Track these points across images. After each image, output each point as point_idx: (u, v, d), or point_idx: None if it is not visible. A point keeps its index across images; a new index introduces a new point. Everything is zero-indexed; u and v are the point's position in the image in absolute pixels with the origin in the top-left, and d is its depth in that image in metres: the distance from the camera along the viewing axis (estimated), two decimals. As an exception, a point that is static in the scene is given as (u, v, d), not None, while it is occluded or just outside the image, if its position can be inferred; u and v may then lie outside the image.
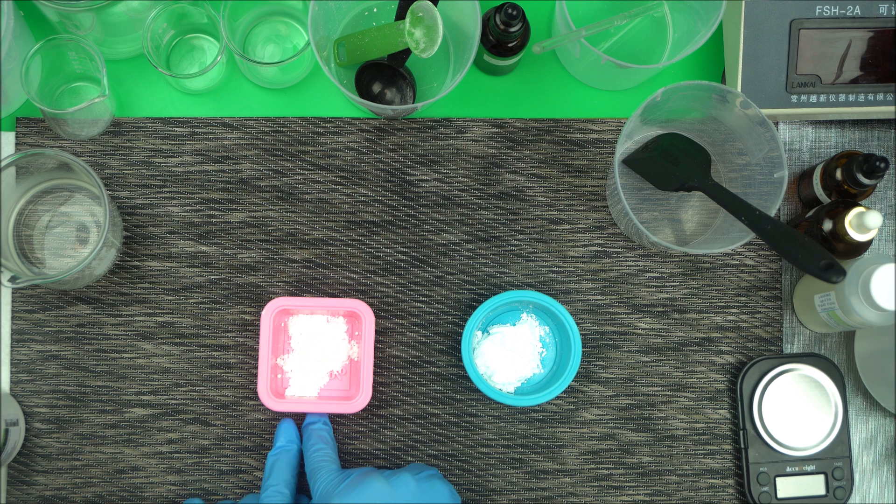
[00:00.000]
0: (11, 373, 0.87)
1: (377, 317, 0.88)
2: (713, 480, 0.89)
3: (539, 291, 0.88)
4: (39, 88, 0.85)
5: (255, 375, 0.87)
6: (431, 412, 0.88)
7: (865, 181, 0.82)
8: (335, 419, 0.87)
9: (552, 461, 0.88)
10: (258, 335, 0.87)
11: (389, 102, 0.89)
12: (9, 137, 0.89)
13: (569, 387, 0.89)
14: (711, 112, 0.85)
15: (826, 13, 0.83)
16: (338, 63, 0.89)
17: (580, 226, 0.90)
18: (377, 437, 0.88)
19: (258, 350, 0.85)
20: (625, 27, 0.91)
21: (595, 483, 0.88)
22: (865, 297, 0.79)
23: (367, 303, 0.87)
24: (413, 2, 0.83)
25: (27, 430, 0.87)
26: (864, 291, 0.78)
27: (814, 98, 0.84)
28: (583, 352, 0.88)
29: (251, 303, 0.88)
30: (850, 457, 0.87)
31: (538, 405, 0.88)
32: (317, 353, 0.86)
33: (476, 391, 0.89)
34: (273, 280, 0.89)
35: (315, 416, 0.85)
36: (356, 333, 0.87)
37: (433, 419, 0.88)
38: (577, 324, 0.89)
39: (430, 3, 0.82)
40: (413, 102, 0.88)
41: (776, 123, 0.92)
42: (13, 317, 0.87)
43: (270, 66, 0.86)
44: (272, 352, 0.84)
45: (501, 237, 0.90)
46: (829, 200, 0.86)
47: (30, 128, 0.89)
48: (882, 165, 0.80)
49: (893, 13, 0.83)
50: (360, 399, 0.83)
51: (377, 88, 0.89)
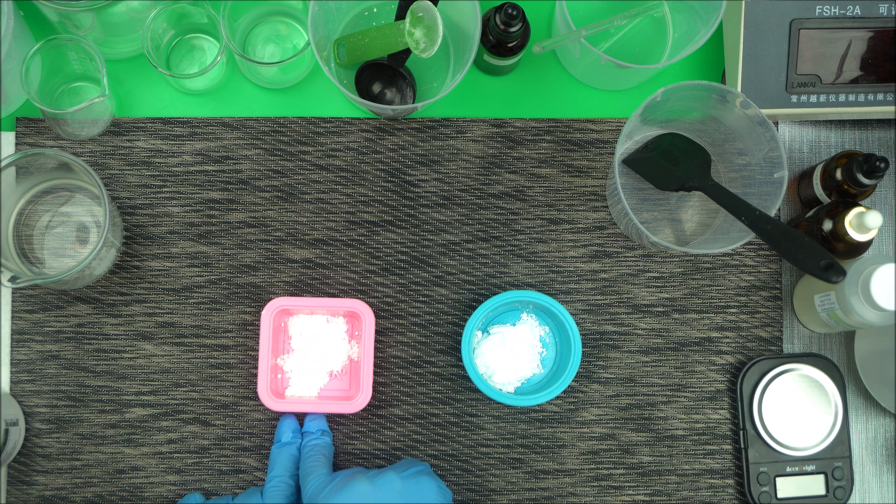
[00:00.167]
0: (11, 373, 0.87)
1: (377, 317, 0.88)
2: (713, 480, 0.89)
3: (539, 291, 0.88)
4: (39, 88, 0.85)
5: (255, 375, 0.87)
6: (431, 412, 0.88)
7: (865, 181, 0.82)
8: (335, 419, 0.87)
9: (552, 461, 0.88)
10: (258, 335, 0.87)
11: (389, 102, 0.89)
12: (9, 137, 0.89)
13: (569, 387, 0.88)
14: (711, 112, 0.85)
15: (826, 13, 0.83)
16: (338, 63, 0.88)
17: (580, 226, 0.90)
18: (377, 437, 0.88)
19: (258, 350, 0.85)
20: (625, 27, 0.91)
21: (595, 483, 0.88)
22: (865, 297, 0.79)
23: (367, 303, 0.87)
24: (413, 2, 0.83)
25: (27, 430, 0.87)
26: (864, 291, 0.78)
27: (814, 98, 0.84)
28: (583, 352, 0.88)
29: (251, 303, 0.88)
30: (850, 457, 0.87)
31: (538, 405, 0.88)
32: (317, 353, 0.86)
33: (476, 391, 0.89)
34: (273, 280, 0.89)
35: (312, 426, 0.85)
36: (356, 333, 0.87)
37: (433, 419, 0.88)
38: (577, 324, 0.89)
39: (430, 3, 0.82)
40: (413, 102, 0.88)
41: (776, 123, 0.92)
42: (13, 317, 0.87)
43: (270, 66, 0.86)
44: (272, 352, 0.84)
45: (501, 237, 0.90)
46: (829, 200, 0.86)
47: (30, 128, 0.89)
48: (882, 165, 0.80)
49: (893, 13, 0.83)
50: (360, 399, 0.83)
51: (377, 88, 0.89)
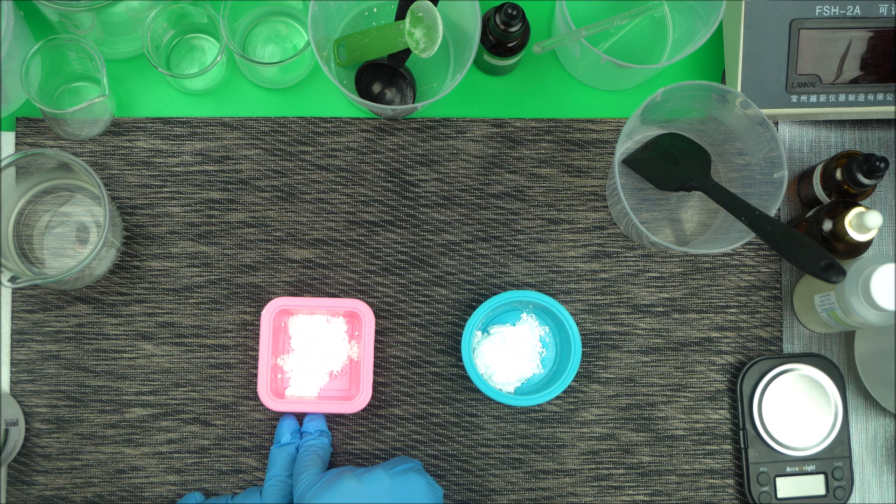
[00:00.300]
0: (11, 373, 0.87)
1: (377, 317, 0.88)
2: (713, 480, 0.89)
3: (539, 291, 0.88)
4: (39, 88, 0.85)
5: (255, 375, 0.87)
6: (431, 412, 0.88)
7: (865, 181, 0.82)
8: (335, 419, 0.87)
9: (552, 461, 0.88)
10: (258, 335, 0.87)
11: (389, 102, 0.89)
12: (9, 137, 0.89)
13: (569, 387, 0.88)
14: (711, 112, 0.85)
15: (826, 13, 0.83)
16: (338, 63, 0.88)
17: (580, 226, 0.90)
18: (377, 437, 0.88)
19: (258, 350, 0.85)
20: (625, 27, 0.91)
21: (595, 483, 0.88)
22: (865, 297, 0.79)
23: (367, 303, 0.87)
24: (413, 2, 0.83)
25: (27, 430, 0.87)
26: (864, 291, 0.78)
27: (814, 98, 0.84)
28: (583, 352, 0.88)
29: (251, 303, 0.88)
30: (850, 457, 0.87)
31: (538, 405, 0.88)
32: (317, 353, 0.86)
33: (476, 391, 0.89)
34: (273, 280, 0.88)
35: (311, 426, 0.85)
36: (356, 333, 0.87)
37: (433, 419, 0.88)
38: (577, 324, 0.89)
39: (430, 3, 0.82)
40: (413, 102, 0.88)
41: (776, 123, 0.92)
42: (13, 317, 0.87)
43: (270, 66, 0.86)
44: (272, 352, 0.84)
45: (501, 237, 0.90)
46: (829, 200, 0.86)
47: (30, 128, 0.89)
48: (882, 165, 0.80)
49: (893, 13, 0.83)
50: (360, 399, 0.83)
51: (377, 88, 0.89)
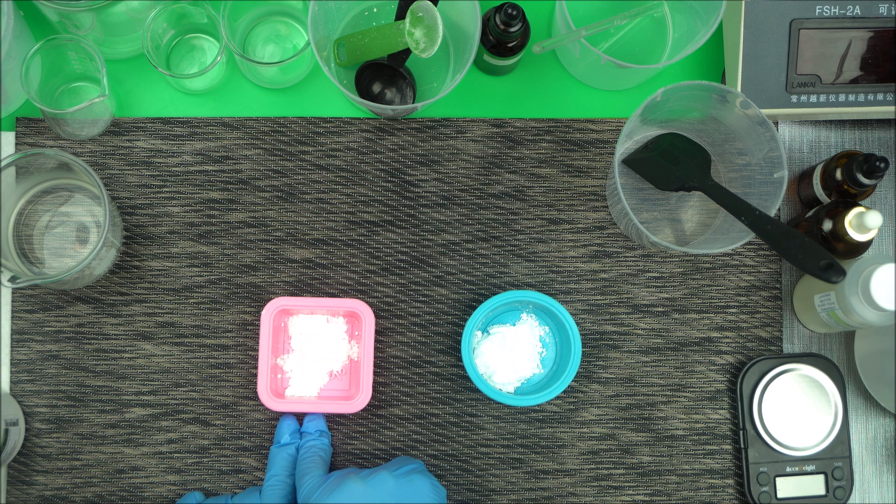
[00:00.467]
0: (11, 373, 0.87)
1: (377, 317, 0.88)
2: (713, 480, 0.89)
3: (539, 291, 0.88)
4: (39, 88, 0.85)
5: (255, 375, 0.87)
6: (431, 412, 0.88)
7: (865, 181, 0.82)
8: (335, 419, 0.87)
9: (552, 461, 0.88)
10: (258, 335, 0.87)
11: (389, 102, 0.89)
12: (9, 137, 0.89)
13: (569, 387, 0.88)
14: (711, 112, 0.85)
15: (826, 13, 0.83)
16: (338, 63, 0.88)
17: (580, 226, 0.90)
18: (377, 437, 0.88)
19: (258, 350, 0.85)
20: (625, 27, 0.91)
21: (595, 483, 0.88)
22: (865, 297, 0.79)
23: (367, 303, 0.87)
24: (413, 2, 0.83)
25: (27, 430, 0.87)
26: (864, 291, 0.78)
27: (814, 98, 0.84)
28: (583, 352, 0.88)
29: (251, 303, 0.88)
30: (850, 457, 0.87)
31: (538, 405, 0.88)
32: (317, 353, 0.86)
33: (476, 391, 0.89)
34: (273, 280, 0.88)
35: (311, 426, 0.85)
36: (356, 333, 0.87)
37: (433, 419, 0.88)
38: (577, 324, 0.89)
39: (430, 3, 0.82)
40: (413, 102, 0.88)
41: (776, 123, 0.92)
42: (13, 317, 0.87)
43: (270, 66, 0.86)
44: (272, 352, 0.84)
45: (501, 237, 0.90)
46: (829, 200, 0.86)
47: (30, 128, 0.89)
48: (882, 165, 0.80)
49: (893, 13, 0.83)
50: (360, 399, 0.83)
51: (377, 88, 0.89)
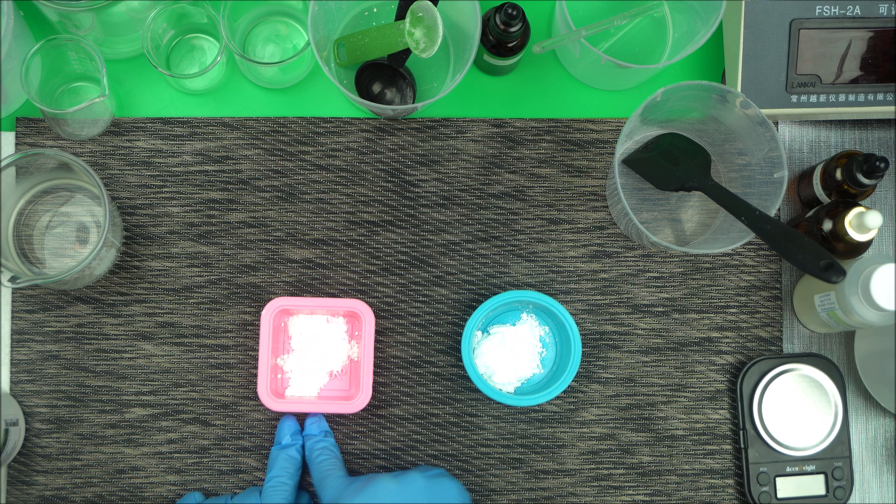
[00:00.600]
0: (11, 373, 0.87)
1: (377, 317, 0.88)
2: (713, 480, 0.89)
3: (539, 291, 0.88)
4: (39, 88, 0.85)
5: (255, 375, 0.87)
6: (431, 412, 0.88)
7: (865, 181, 0.82)
8: (335, 419, 0.87)
9: (552, 461, 0.88)
10: (258, 335, 0.87)
11: (389, 102, 0.89)
12: (9, 137, 0.89)
13: (569, 387, 0.88)
14: (711, 112, 0.85)
15: (826, 13, 0.83)
16: (338, 63, 0.88)
17: (580, 226, 0.90)
18: (377, 437, 0.88)
19: (258, 350, 0.85)
20: (625, 27, 0.91)
21: (595, 483, 0.88)
22: (865, 297, 0.79)
23: (367, 303, 0.87)
24: (413, 2, 0.83)
25: (27, 430, 0.87)
26: (864, 291, 0.78)
27: (814, 98, 0.84)
28: (583, 352, 0.88)
29: (251, 303, 0.88)
30: (850, 457, 0.87)
31: (538, 405, 0.88)
32: (317, 353, 0.86)
33: (476, 391, 0.89)
34: (273, 280, 0.88)
35: (314, 427, 0.85)
36: (356, 333, 0.87)
37: (433, 419, 0.88)
38: (577, 324, 0.89)
39: (430, 3, 0.82)
40: (413, 102, 0.88)
41: (776, 123, 0.92)
42: (13, 317, 0.87)
43: (270, 66, 0.86)
44: (272, 352, 0.84)
45: (501, 237, 0.90)
46: (829, 200, 0.86)
47: (30, 128, 0.89)
48: (882, 165, 0.80)
49: (893, 13, 0.83)
50: (360, 399, 0.83)
51: (377, 88, 0.89)
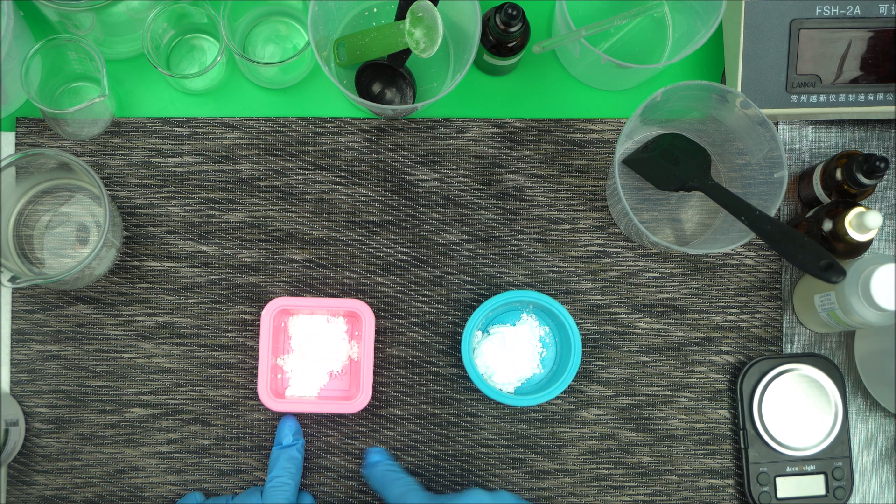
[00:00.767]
0: (11, 373, 0.87)
1: (377, 317, 0.88)
2: (713, 480, 0.89)
3: (539, 291, 0.88)
4: (39, 88, 0.85)
5: (255, 375, 0.87)
6: (431, 412, 0.88)
7: (865, 181, 0.82)
8: (335, 419, 0.87)
9: (552, 461, 0.88)
10: (258, 335, 0.87)
11: (389, 102, 0.89)
12: (9, 137, 0.89)
13: (569, 387, 0.88)
14: (711, 112, 0.85)
15: (826, 13, 0.83)
16: (338, 63, 0.88)
17: (580, 226, 0.90)
18: (377, 437, 0.88)
19: (258, 350, 0.85)
20: (625, 27, 0.91)
21: (595, 483, 0.88)
22: (865, 297, 0.79)
23: (367, 303, 0.87)
24: (413, 2, 0.83)
25: (27, 430, 0.87)
26: (864, 291, 0.78)
27: (814, 98, 0.84)
28: (583, 352, 0.88)
29: (251, 303, 0.88)
30: (850, 457, 0.87)
31: (538, 405, 0.88)
32: (317, 353, 0.86)
33: (476, 391, 0.89)
34: (273, 280, 0.88)
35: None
36: (356, 333, 0.87)
37: (433, 419, 0.88)
38: (577, 324, 0.89)
39: (430, 3, 0.82)
40: (413, 102, 0.88)
41: (776, 123, 0.92)
42: (13, 317, 0.87)
43: (270, 66, 0.86)
44: (272, 352, 0.84)
45: (501, 237, 0.90)
46: (829, 200, 0.86)
47: (30, 128, 0.89)
48: (882, 165, 0.80)
49: (893, 13, 0.83)
50: (360, 399, 0.83)
51: (377, 88, 0.89)
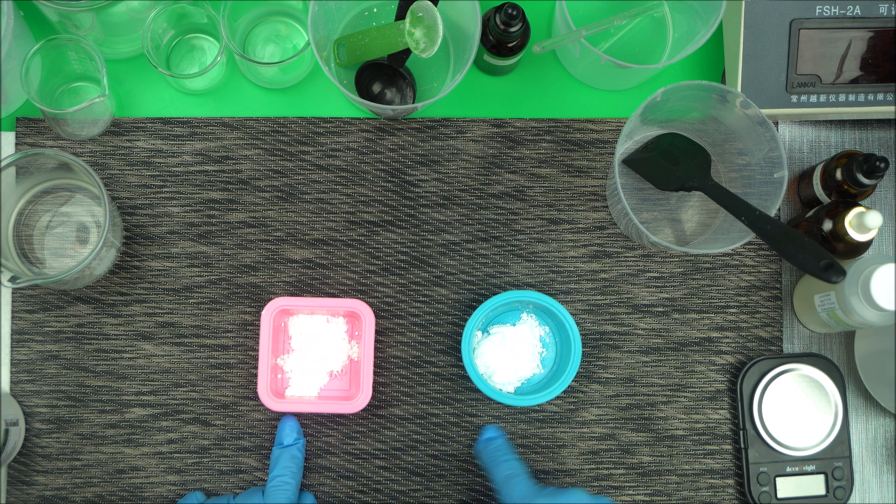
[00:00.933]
0: (11, 373, 0.87)
1: (377, 317, 0.88)
2: (713, 480, 0.89)
3: (539, 291, 0.88)
4: (39, 88, 0.85)
5: (255, 375, 0.87)
6: (431, 412, 0.88)
7: (865, 181, 0.82)
8: (335, 419, 0.87)
9: (552, 461, 0.88)
10: (258, 335, 0.87)
11: (389, 102, 0.89)
12: (9, 137, 0.89)
13: (569, 387, 0.88)
14: (711, 112, 0.85)
15: (826, 13, 0.83)
16: (338, 63, 0.88)
17: (580, 226, 0.90)
18: (377, 437, 0.88)
19: (258, 350, 0.85)
20: (625, 27, 0.91)
21: (595, 483, 0.88)
22: (865, 297, 0.79)
23: (367, 303, 0.87)
24: (413, 2, 0.83)
25: (27, 430, 0.87)
26: (864, 291, 0.78)
27: (814, 98, 0.84)
28: (583, 352, 0.88)
29: (251, 303, 0.88)
30: (850, 457, 0.87)
31: (538, 405, 0.88)
32: (317, 353, 0.86)
33: (476, 391, 0.89)
34: (273, 280, 0.88)
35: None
36: (356, 333, 0.87)
37: (433, 419, 0.88)
38: (577, 324, 0.89)
39: (430, 3, 0.82)
40: (413, 102, 0.88)
41: (776, 123, 0.92)
42: (13, 317, 0.87)
43: (270, 66, 0.86)
44: (272, 352, 0.84)
45: (501, 237, 0.90)
46: (829, 200, 0.86)
47: (30, 128, 0.89)
48: (882, 165, 0.80)
49: (893, 13, 0.83)
50: (360, 399, 0.83)
51: (377, 88, 0.89)
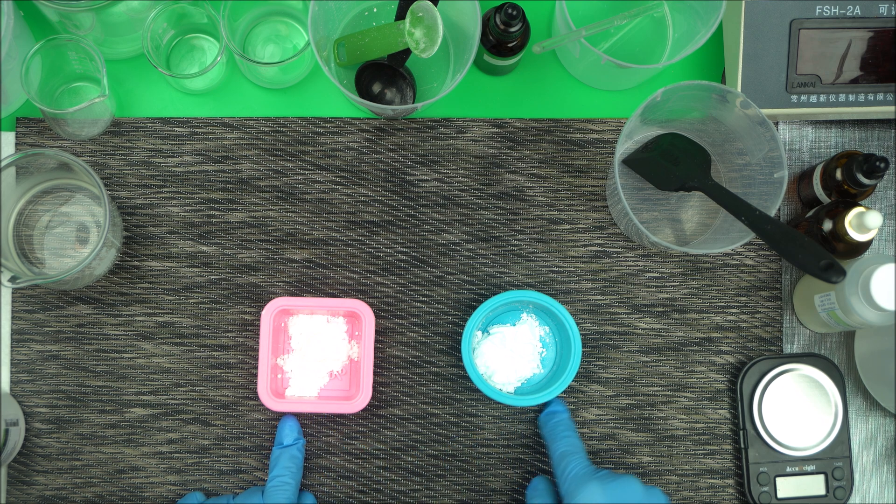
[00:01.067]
0: (11, 373, 0.87)
1: (377, 317, 0.88)
2: (713, 480, 0.89)
3: (539, 291, 0.88)
4: (39, 88, 0.85)
5: (255, 375, 0.87)
6: (431, 412, 0.88)
7: (865, 181, 0.82)
8: (335, 419, 0.87)
9: (552, 461, 0.88)
10: (258, 335, 0.87)
11: (389, 102, 0.89)
12: (9, 137, 0.89)
13: (569, 387, 0.88)
14: (711, 112, 0.85)
15: (826, 13, 0.83)
16: (338, 63, 0.88)
17: (580, 226, 0.90)
18: (377, 437, 0.88)
19: (258, 350, 0.85)
20: (625, 27, 0.91)
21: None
22: (865, 297, 0.79)
23: (367, 303, 0.87)
24: (413, 2, 0.83)
25: (27, 430, 0.87)
26: (864, 291, 0.78)
27: (814, 98, 0.84)
28: (583, 352, 0.88)
29: (251, 303, 0.88)
30: (850, 457, 0.87)
31: (538, 405, 0.88)
32: (317, 353, 0.86)
33: (476, 391, 0.89)
34: (273, 280, 0.88)
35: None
36: (356, 333, 0.87)
37: (433, 419, 0.88)
38: (577, 324, 0.89)
39: (430, 3, 0.82)
40: (413, 102, 0.88)
41: (776, 123, 0.92)
42: (13, 317, 0.87)
43: (270, 66, 0.86)
44: (272, 352, 0.84)
45: (501, 237, 0.90)
46: (829, 200, 0.86)
47: (30, 128, 0.89)
48: (882, 165, 0.80)
49: (893, 13, 0.83)
50: (360, 399, 0.83)
51: (377, 88, 0.89)
